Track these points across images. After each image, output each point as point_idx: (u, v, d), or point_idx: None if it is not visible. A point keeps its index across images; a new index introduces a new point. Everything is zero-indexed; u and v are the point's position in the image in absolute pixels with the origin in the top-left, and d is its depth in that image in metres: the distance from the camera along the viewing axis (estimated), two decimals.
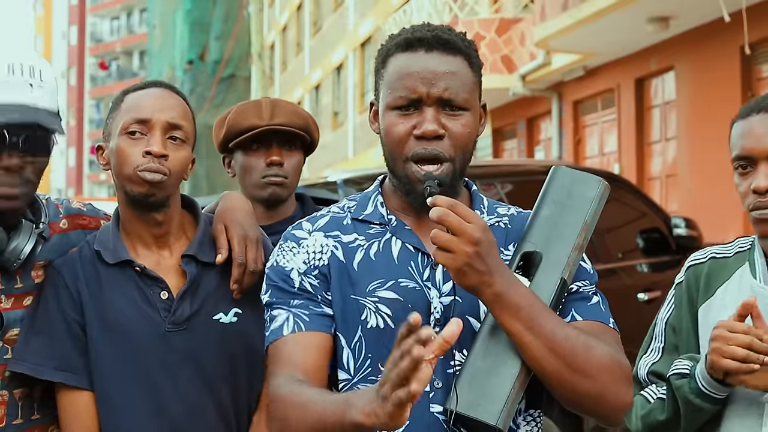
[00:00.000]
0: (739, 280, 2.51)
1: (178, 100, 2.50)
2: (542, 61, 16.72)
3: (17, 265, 2.42)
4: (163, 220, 2.49)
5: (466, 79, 2.11)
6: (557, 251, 2.08)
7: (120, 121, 2.46)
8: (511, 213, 2.23)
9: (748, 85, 12.72)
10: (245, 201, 2.71)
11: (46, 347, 2.42)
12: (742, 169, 2.46)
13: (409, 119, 2.08)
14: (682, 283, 2.62)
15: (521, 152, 20.25)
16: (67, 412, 2.44)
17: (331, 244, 2.16)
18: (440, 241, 1.93)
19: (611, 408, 2.02)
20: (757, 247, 2.52)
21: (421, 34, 2.11)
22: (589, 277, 2.17)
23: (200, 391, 2.45)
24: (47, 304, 2.45)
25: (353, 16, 28.58)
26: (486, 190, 6.26)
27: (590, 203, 2.13)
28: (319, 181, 6.06)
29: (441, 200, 1.94)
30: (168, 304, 2.45)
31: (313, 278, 2.12)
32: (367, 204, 2.21)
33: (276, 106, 3.23)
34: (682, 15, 12.86)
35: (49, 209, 2.57)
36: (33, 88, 2.37)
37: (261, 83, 24.30)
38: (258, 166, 3.20)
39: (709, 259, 2.61)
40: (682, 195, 14.36)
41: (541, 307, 1.99)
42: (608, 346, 2.03)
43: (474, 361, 2.01)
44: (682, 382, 2.41)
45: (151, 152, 2.40)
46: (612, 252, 6.96)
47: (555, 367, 1.97)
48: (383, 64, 2.15)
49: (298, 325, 2.08)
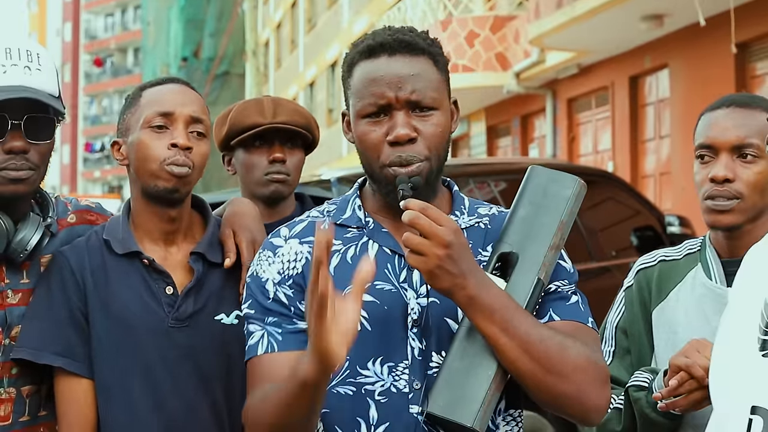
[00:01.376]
0: (692, 281, 2.52)
1: (197, 95, 2.51)
2: (536, 59, 16.73)
3: (23, 256, 2.42)
4: (176, 216, 2.49)
5: (432, 79, 2.10)
6: (533, 251, 2.08)
7: (141, 115, 2.45)
8: (492, 213, 2.23)
9: (742, 83, 12.74)
10: (253, 206, 2.72)
11: (48, 332, 2.41)
12: (702, 159, 2.48)
13: (381, 125, 2.08)
14: (633, 287, 2.63)
15: (515, 150, 20.26)
16: (64, 399, 2.42)
17: (305, 251, 2.15)
18: (412, 244, 1.94)
19: (588, 408, 2.02)
20: (708, 248, 2.53)
21: (382, 39, 2.10)
22: (568, 277, 2.16)
23: (197, 388, 2.45)
24: (51, 289, 2.44)
25: (348, 13, 28.57)
26: (480, 189, 6.27)
27: (566, 202, 2.13)
28: (313, 179, 6.06)
29: (413, 203, 1.95)
30: (172, 299, 2.45)
31: (287, 288, 2.12)
32: (346, 207, 2.21)
33: (278, 104, 3.24)
34: (676, 13, 12.88)
35: (57, 206, 2.58)
36: (31, 71, 2.37)
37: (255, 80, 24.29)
38: (260, 164, 3.20)
39: (658, 262, 2.62)
40: (675, 193, 14.38)
41: (516, 309, 1.99)
42: (584, 346, 2.02)
43: (451, 362, 2.01)
44: (640, 395, 2.41)
45: (177, 144, 2.40)
46: (606, 250, 6.97)
47: (530, 369, 1.97)
48: (349, 73, 2.14)
49: (272, 345, 2.09)
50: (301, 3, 34.67)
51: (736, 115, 2.45)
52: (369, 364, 2.06)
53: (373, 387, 2.06)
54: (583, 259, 6.46)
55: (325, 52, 30.84)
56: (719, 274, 2.48)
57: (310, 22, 33.70)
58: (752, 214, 2.45)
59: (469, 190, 6.14)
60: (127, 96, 2.57)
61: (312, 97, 33.83)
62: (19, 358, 2.40)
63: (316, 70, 32.46)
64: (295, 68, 35.69)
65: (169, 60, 32.60)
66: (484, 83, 17.76)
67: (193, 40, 31.72)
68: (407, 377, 2.05)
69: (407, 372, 2.06)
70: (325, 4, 31.54)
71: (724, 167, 2.42)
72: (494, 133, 21.60)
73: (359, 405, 2.05)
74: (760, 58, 12.73)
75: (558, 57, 16.45)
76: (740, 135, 2.42)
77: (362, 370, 2.06)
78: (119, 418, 2.42)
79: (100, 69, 75.90)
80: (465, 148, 22.56)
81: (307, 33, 33.90)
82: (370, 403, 2.05)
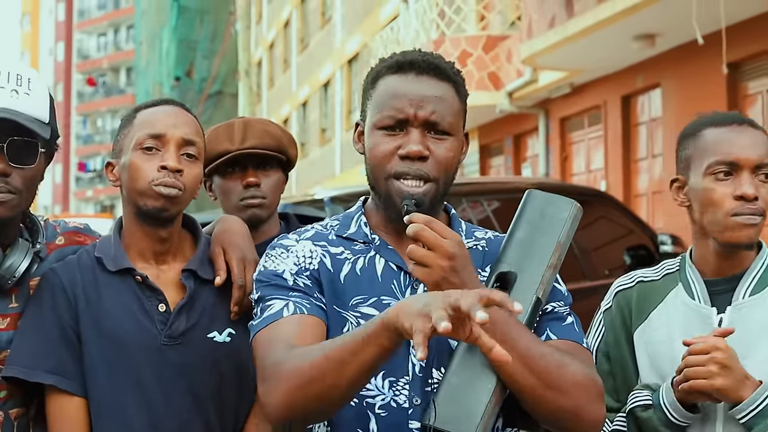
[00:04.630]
0: (674, 300, 2.53)
1: (191, 117, 2.51)
2: (529, 78, 16.77)
3: (11, 283, 2.41)
4: (166, 237, 2.49)
5: (453, 105, 2.14)
6: (531, 271, 2.12)
7: (134, 136, 2.45)
8: (488, 237, 2.27)
9: (734, 103, 12.77)
10: (242, 224, 2.71)
11: (39, 350, 2.39)
12: (721, 175, 2.46)
13: (395, 139, 2.12)
14: (611, 309, 2.62)
15: (508, 169, 20.28)
16: (57, 418, 2.41)
17: (319, 252, 2.18)
18: (416, 256, 1.98)
19: (587, 424, 2.04)
20: (689, 268, 2.53)
21: (413, 58, 2.15)
22: (563, 298, 2.20)
23: (190, 408, 2.44)
24: (42, 307, 2.43)
25: (340, 33, 28.64)
26: (473, 208, 6.27)
27: (563, 224, 2.18)
28: (306, 198, 6.06)
29: (417, 217, 2.00)
30: (165, 317, 2.44)
31: (305, 278, 2.14)
32: (350, 224, 2.24)
33: (248, 127, 3.20)
34: (668, 33, 12.92)
35: (47, 230, 2.57)
36: (18, 95, 2.36)
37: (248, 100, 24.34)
38: (235, 189, 3.17)
39: (637, 283, 2.62)
40: (668, 212, 14.39)
41: (516, 324, 2.01)
42: (582, 363, 2.06)
43: (451, 377, 2.03)
44: (649, 414, 2.41)
45: (167, 167, 2.40)
46: (599, 269, 6.97)
47: (530, 383, 1.99)
48: (372, 84, 2.18)
49: (300, 309, 2.08)
50: (293, 23, 34.76)
51: (751, 134, 2.47)
52: (371, 377, 2.05)
53: (374, 401, 2.07)
54: (577, 279, 6.46)
55: (318, 72, 30.90)
56: (702, 293, 2.49)
57: (303, 42, 33.77)
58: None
59: (462, 209, 6.14)
60: (123, 117, 2.57)
61: (305, 117, 33.89)
62: (9, 377, 2.38)
63: (309, 89, 32.51)
64: (288, 88, 35.76)
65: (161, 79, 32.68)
66: (477, 103, 17.77)
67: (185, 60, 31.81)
68: (407, 392, 2.07)
69: (408, 387, 2.08)
70: (318, 24, 31.62)
71: (751, 185, 2.42)
72: (487, 152, 21.63)
73: (360, 418, 2.07)
74: (753, 78, 12.77)
75: (550, 76, 16.49)
76: (761, 154, 2.44)
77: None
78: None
79: (93, 88, 75.97)
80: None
81: (300, 53, 33.97)
82: (371, 417, 2.07)
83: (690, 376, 2.33)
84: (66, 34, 78.51)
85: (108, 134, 70.10)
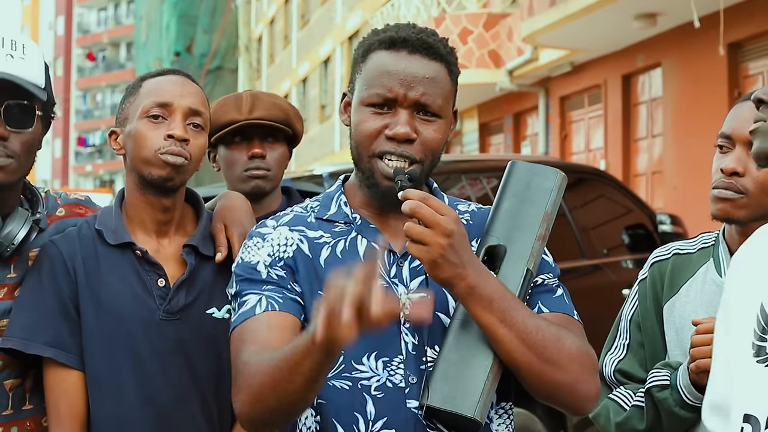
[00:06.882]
0: (703, 277, 2.52)
1: (197, 87, 2.50)
2: (529, 57, 16.74)
3: (10, 251, 2.40)
4: (169, 206, 2.47)
5: (444, 87, 2.10)
6: (521, 242, 2.09)
7: (140, 104, 2.44)
8: (472, 209, 2.24)
9: (735, 83, 12.76)
10: (244, 200, 2.70)
11: (38, 322, 2.38)
12: (721, 149, 2.48)
13: (382, 118, 2.08)
14: (646, 279, 2.63)
15: (508, 147, 20.27)
16: (54, 391, 2.40)
17: (296, 238, 2.15)
18: (414, 233, 1.93)
19: (582, 397, 2.04)
20: (721, 243, 2.53)
21: (406, 35, 2.10)
22: (552, 270, 2.18)
23: (187, 384, 2.44)
24: (41, 279, 2.42)
25: (341, 9, 28.55)
26: (472, 185, 6.27)
27: (549, 194, 2.14)
28: (305, 174, 6.06)
29: (413, 193, 1.95)
30: (164, 291, 2.43)
31: (279, 269, 2.11)
32: (330, 204, 2.21)
33: (256, 99, 3.22)
34: (670, 12, 12.89)
35: (47, 202, 2.56)
36: (14, 59, 2.35)
37: (248, 75, 24.29)
38: (240, 160, 3.18)
39: (672, 255, 2.61)
40: (667, 191, 14.40)
41: (512, 299, 2.00)
42: (576, 336, 2.04)
43: (447, 355, 2.01)
44: (665, 394, 2.42)
45: (174, 136, 2.39)
46: (597, 248, 6.97)
47: (527, 359, 1.98)
48: (363, 58, 2.14)
49: (271, 304, 2.06)
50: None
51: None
52: (363, 359, 2.05)
53: (369, 382, 2.05)
54: (575, 257, 6.47)
55: (318, 48, 30.82)
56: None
57: (304, 18, 33.67)
58: (759, 212, 2.44)
59: (461, 187, 6.14)
60: (128, 86, 2.55)
61: (305, 93, 33.81)
62: (6, 348, 2.38)
63: (309, 66, 32.44)
64: (288, 64, 35.66)
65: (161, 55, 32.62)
66: (477, 80, 17.76)
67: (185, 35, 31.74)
68: (402, 372, 2.05)
69: (402, 367, 2.06)
70: (319, 0, 31.51)
71: (736, 160, 2.43)
72: (487, 130, 21.61)
73: (356, 400, 2.05)
74: (753, 58, 12.75)
75: (551, 55, 16.47)
76: None
77: (357, 365, 2.06)
78: (110, 410, 2.40)
79: (93, 63, 75.76)
80: (457, 145, 22.57)
81: (301, 29, 33.87)
82: (367, 399, 2.05)
83: (695, 356, 2.32)
84: (66, 8, 78.23)
85: (108, 109, 69.91)
